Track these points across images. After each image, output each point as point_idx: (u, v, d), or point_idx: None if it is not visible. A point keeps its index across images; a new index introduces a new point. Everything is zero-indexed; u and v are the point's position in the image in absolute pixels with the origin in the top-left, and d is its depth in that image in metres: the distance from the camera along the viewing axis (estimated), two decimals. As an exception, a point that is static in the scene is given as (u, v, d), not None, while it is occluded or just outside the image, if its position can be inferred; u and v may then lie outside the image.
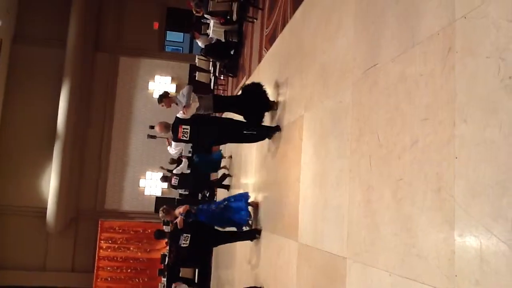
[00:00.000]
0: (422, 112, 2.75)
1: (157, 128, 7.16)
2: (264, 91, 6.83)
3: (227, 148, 11.40)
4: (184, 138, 6.43)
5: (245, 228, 7.54)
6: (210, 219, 7.55)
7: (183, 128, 6.36)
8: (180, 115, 6.52)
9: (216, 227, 7.68)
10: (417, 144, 2.78)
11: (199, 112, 6.69)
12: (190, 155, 11.20)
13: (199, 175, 11.00)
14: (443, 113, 2.53)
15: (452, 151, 2.42)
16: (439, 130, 2.56)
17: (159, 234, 9.28)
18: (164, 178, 10.93)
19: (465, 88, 2.37)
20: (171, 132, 6.70)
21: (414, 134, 2.82)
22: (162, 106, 7.01)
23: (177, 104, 6.66)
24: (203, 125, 6.60)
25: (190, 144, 8.62)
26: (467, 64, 2.38)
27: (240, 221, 7.49)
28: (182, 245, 7.06)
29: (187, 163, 10.33)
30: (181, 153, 10.13)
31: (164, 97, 6.95)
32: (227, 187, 10.92)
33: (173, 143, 7.20)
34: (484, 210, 2.15)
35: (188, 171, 10.30)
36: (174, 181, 10.32)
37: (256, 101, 6.76)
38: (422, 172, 2.70)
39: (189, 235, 7.18)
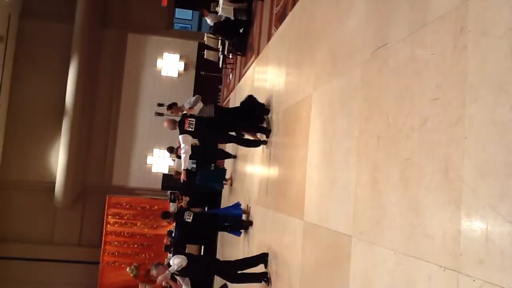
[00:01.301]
0: (432, 92, 2.74)
1: (164, 124, 7.55)
2: (258, 102, 7.71)
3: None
4: (190, 129, 7.05)
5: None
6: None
7: (189, 120, 7.08)
8: (189, 103, 7.85)
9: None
10: (426, 124, 2.78)
11: (201, 115, 7.81)
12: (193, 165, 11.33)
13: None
14: (453, 93, 2.53)
15: (461, 131, 2.41)
16: (448, 110, 2.56)
17: (166, 215, 9.51)
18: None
19: (476, 68, 2.36)
20: (177, 128, 7.26)
21: (423, 114, 2.82)
22: (172, 113, 8.15)
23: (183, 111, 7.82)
24: (207, 119, 7.57)
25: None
26: (479, 44, 2.37)
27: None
28: (186, 220, 7.95)
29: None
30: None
31: (174, 105, 8.23)
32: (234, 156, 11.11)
33: (181, 140, 7.41)
34: (491, 191, 2.16)
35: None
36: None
37: (253, 109, 7.65)
38: (430, 152, 2.70)
39: (192, 212, 7.76)
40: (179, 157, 10.43)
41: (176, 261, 6.50)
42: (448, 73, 2.60)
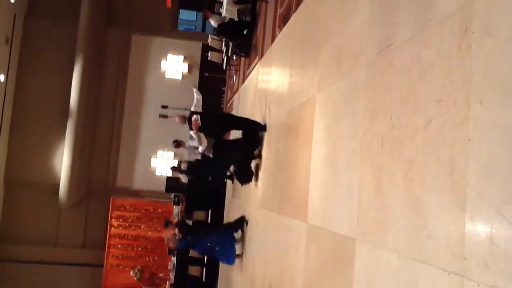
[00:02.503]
0: (437, 93, 2.71)
1: (176, 119, 8.44)
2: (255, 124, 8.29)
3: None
4: (198, 124, 7.80)
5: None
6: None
7: (196, 119, 7.85)
8: (192, 108, 8.11)
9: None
10: (430, 125, 2.74)
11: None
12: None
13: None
14: (458, 94, 2.49)
15: (466, 133, 2.38)
16: (453, 111, 2.52)
17: (167, 223, 9.90)
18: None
19: (481, 69, 2.33)
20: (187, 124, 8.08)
21: (427, 115, 2.78)
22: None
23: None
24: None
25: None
26: (483, 45, 2.33)
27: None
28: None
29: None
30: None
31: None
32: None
33: (194, 135, 8.16)
34: (496, 193, 2.12)
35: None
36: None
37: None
38: (434, 154, 2.67)
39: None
40: (181, 172, 10.87)
41: None
42: (452, 74, 2.57)
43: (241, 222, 8.83)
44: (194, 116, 7.89)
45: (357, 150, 3.83)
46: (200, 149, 8.42)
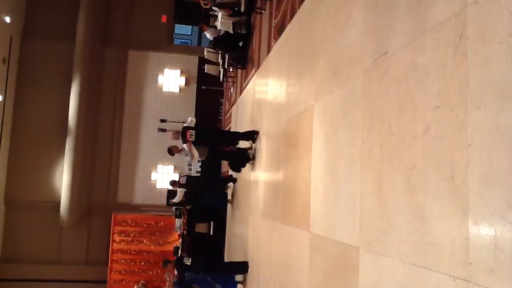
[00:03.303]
0: (434, 99, 2.73)
1: (169, 135, 8.87)
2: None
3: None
4: (191, 139, 8.14)
5: None
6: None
7: (190, 132, 8.18)
8: (186, 124, 8.50)
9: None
10: (429, 132, 2.76)
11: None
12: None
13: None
14: (456, 100, 2.51)
15: (465, 138, 2.39)
16: (451, 117, 2.54)
17: (165, 262, 10.35)
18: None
19: (477, 75, 2.34)
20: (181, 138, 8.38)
21: (426, 121, 2.80)
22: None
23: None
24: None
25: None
26: (479, 50, 2.35)
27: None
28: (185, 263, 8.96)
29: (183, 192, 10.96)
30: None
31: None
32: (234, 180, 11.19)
33: (186, 148, 8.42)
34: (499, 197, 2.13)
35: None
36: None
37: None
38: (434, 160, 2.68)
39: (190, 258, 9.06)
40: (181, 186, 11.34)
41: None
42: (449, 80, 2.59)
43: (244, 266, 8.80)
44: (189, 130, 8.28)
45: (357, 159, 3.83)
46: (191, 162, 8.68)
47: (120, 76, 17.70)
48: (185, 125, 8.59)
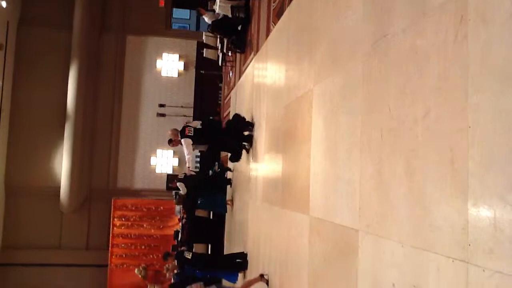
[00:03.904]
0: (434, 82, 2.72)
1: (168, 133, 9.29)
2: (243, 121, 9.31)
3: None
4: (190, 134, 8.73)
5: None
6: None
7: (189, 128, 8.84)
8: (190, 123, 9.09)
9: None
10: (429, 115, 2.76)
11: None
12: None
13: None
14: (456, 83, 2.50)
15: (465, 121, 2.39)
16: (451, 100, 2.54)
17: (166, 255, 10.12)
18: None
19: (478, 57, 2.34)
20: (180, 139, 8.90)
21: (426, 105, 2.80)
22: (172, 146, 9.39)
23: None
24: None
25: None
26: (480, 32, 2.34)
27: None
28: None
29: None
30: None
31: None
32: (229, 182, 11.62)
33: (183, 142, 8.85)
34: (498, 180, 2.14)
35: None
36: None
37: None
38: (434, 143, 2.68)
39: (190, 252, 9.01)
40: (179, 180, 11.53)
41: None
42: (450, 63, 2.58)
43: (244, 260, 8.84)
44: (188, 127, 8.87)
45: (356, 143, 3.84)
46: (187, 157, 9.15)
47: (118, 61, 17.62)
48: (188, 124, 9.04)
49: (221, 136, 9.36)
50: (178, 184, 11.36)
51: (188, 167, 9.78)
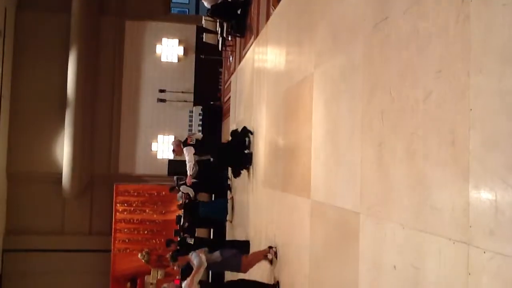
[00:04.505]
0: (436, 64, 2.71)
1: (172, 143, 10.22)
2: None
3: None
4: (192, 143, 9.38)
5: None
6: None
7: (191, 138, 9.55)
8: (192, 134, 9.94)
9: None
10: (430, 97, 2.75)
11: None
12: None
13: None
14: (457, 65, 2.49)
15: (467, 103, 2.38)
16: (453, 81, 2.52)
17: (169, 242, 10.59)
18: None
19: (480, 38, 2.32)
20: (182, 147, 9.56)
21: (427, 86, 2.78)
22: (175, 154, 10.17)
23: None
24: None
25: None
26: (482, 13, 2.32)
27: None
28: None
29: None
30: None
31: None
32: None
33: (185, 151, 9.45)
34: (499, 162, 2.14)
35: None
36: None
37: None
38: (435, 125, 2.68)
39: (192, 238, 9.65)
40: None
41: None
42: (451, 44, 2.56)
43: (246, 244, 8.86)
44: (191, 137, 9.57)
45: (357, 125, 3.83)
46: (188, 164, 9.55)
47: (118, 47, 17.54)
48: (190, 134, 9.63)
49: (223, 147, 9.82)
50: (182, 188, 11.30)
51: (190, 174, 9.98)
